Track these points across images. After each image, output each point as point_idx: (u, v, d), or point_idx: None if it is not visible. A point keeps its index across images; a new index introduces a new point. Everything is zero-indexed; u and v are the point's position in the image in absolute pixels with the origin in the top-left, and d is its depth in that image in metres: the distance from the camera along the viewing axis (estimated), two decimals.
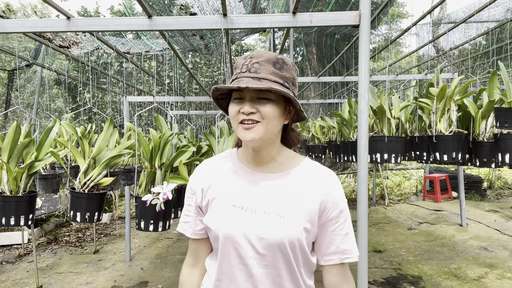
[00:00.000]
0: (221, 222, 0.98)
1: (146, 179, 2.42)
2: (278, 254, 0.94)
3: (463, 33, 5.10)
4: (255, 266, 0.95)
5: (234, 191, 1.01)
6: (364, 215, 1.79)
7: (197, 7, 3.38)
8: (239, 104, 0.93)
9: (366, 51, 1.74)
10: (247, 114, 0.91)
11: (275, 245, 0.93)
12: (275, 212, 0.96)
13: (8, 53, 4.06)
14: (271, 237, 0.93)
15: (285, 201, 0.97)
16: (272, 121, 0.92)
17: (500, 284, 3.52)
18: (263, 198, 0.98)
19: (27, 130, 2.52)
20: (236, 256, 0.96)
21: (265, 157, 1.00)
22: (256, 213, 0.96)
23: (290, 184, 0.99)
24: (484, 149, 2.79)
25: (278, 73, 0.93)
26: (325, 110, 8.66)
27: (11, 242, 5.04)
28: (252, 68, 0.91)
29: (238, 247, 0.96)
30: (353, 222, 2.28)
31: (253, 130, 0.91)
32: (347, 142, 3.80)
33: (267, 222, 0.95)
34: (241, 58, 0.96)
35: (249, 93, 0.92)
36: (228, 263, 0.98)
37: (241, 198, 0.99)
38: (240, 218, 0.97)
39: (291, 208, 0.96)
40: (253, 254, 0.95)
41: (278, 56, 0.94)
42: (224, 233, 0.97)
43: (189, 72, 4.43)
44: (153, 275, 4.02)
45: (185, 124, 7.42)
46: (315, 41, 6.67)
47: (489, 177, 8.62)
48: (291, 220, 0.95)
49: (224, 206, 1.00)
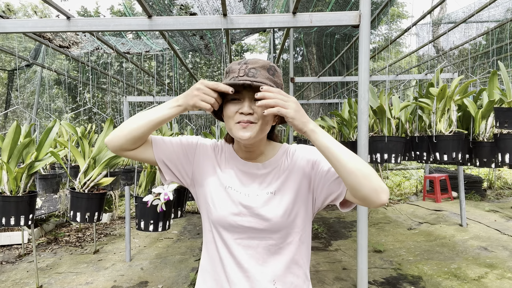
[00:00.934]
0: (221, 203, 1.07)
1: (146, 179, 2.42)
2: (275, 226, 1.04)
3: (463, 33, 5.10)
4: (253, 240, 1.06)
5: (230, 176, 1.11)
6: (364, 215, 1.79)
7: (197, 7, 3.38)
8: (237, 105, 1.00)
9: (366, 51, 1.74)
10: (246, 114, 0.99)
11: (271, 219, 1.04)
12: (266, 191, 1.07)
13: (8, 53, 4.06)
14: (266, 211, 1.04)
15: (273, 181, 1.09)
16: (267, 122, 1.02)
17: (500, 284, 3.52)
18: (254, 183, 1.09)
19: (27, 130, 2.52)
20: (234, 232, 1.06)
21: (256, 153, 1.12)
22: (249, 196, 1.07)
23: (274, 167, 1.11)
24: (484, 149, 2.79)
25: (272, 79, 1.02)
26: (325, 110, 8.66)
27: (11, 242, 5.04)
28: (249, 73, 0.99)
29: (235, 225, 1.05)
30: (353, 222, 2.30)
31: (249, 129, 0.99)
32: (347, 142, 3.80)
33: (261, 200, 1.06)
34: (235, 64, 1.03)
35: (247, 95, 0.99)
36: (226, 239, 1.07)
37: (236, 183, 1.10)
38: (236, 198, 1.07)
39: (279, 186, 1.08)
40: (250, 230, 1.05)
41: (271, 64, 1.04)
42: (224, 214, 1.06)
43: (189, 72, 4.43)
44: (153, 275, 4.02)
45: (185, 124, 7.42)
46: (315, 41, 6.67)
47: (489, 177, 8.62)
48: (281, 195, 1.06)
49: (221, 187, 1.09)
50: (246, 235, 1.06)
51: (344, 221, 6.20)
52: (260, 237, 1.06)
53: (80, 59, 4.10)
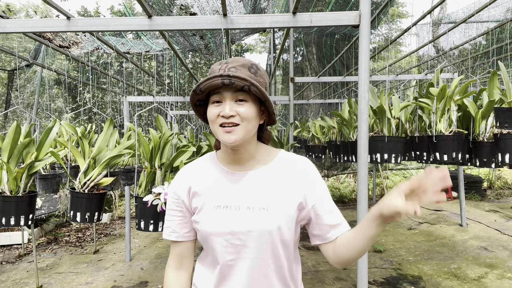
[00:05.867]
0: (208, 223, 1.02)
1: (146, 179, 2.42)
2: (266, 245, 0.99)
3: (463, 33, 5.09)
4: (245, 260, 1.00)
5: (217, 193, 1.04)
6: (364, 215, 1.78)
7: (197, 7, 3.38)
8: (218, 107, 0.97)
9: (366, 51, 1.74)
10: (227, 117, 0.95)
11: (263, 236, 0.98)
12: (258, 206, 1.00)
13: (8, 53, 4.06)
14: (258, 228, 0.98)
15: (266, 194, 1.01)
16: (250, 122, 0.97)
17: (500, 284, 3.52)
18: (245, 195, 1.02)
19: (27, 130, 2.52)
20: (226, 253, 1.00)
21: (244, 156, 1.04)
22: (240, 210, 1.00)
23: (269, 177, 1.04)
24: (484, 149, 2.78)
25: (253, 77, 0.98)
26: (325, 110, 8.66)
27: (11, 242, 5.03)
28: (229, 72, 0.95)
29: (227, 244, 1.00)
30: (353, 222, 2.30)
31: (234, 133, 0.95)
32: (347, 142, 3.79)
33: (252, 216, 0.99)
34: (217, 64, 1.01)
35: (228, 96, 0.96)
36: (219, 260, 1.02)
37: (224, 198, 1.03)
38: (225, 217, 1.00)
39: (272, 199, 1.01)
40: (242, 249, 0.99)
41: (252, 62, 1.01)
42: (213, 233, 1.01)
43: (189, 72, 4.43)
44: (153, 275, 4.02)
45: (185, 124, 7.42)
46: (315, 41, 6.66)
47: (489, 177, 8.62)
48: (274, 211, 0.99)
49: (208, 208, 1.03)
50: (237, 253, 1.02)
51: None
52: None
53: (80, 59, 4.10)
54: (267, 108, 1.02)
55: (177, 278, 1.11)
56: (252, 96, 0.97)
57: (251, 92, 0.94)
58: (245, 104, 0.96)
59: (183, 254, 1.11)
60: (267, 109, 1.03)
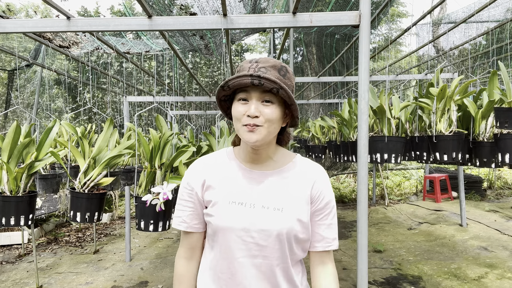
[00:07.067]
0: (221, 218, 1.02)
1: (146, 179, 2.42)
2: (277, 245, 1.00)
3: (463, 33, 5.09)
4: (254, 258, 1.00)
5: (232, 188, 1.05)
6: (364, 215, 1.78)
7: (197, 7, 3.38)
8: (244, 106, 0.96)
9: (366, 51, 1.74)
10: (252, 117, 0.94)
11: (275, 236, 0.99)
12: (273, 206, 1.01)
13: (8, 53, 4.06)
14: (271, 228, 0.99)
15: (282, 195, 1.03)
16: (273, 124, 0.97)
17: (500, 284, 3.52)
18: (261, 194, 1.03)
19: (27, 130, 2.52)
20: (236, 249, 1.01)
21: (263, 156, 1.06)
22: (255, 208, 1.01)
23: (285, 180, 1.05)
24: (484, 149, 2.78)
25: (282, 79, 0.98)
26: (325, 110, 8.66)
27: (11, 242, 5.03)
28: (259, 71, 0.95)
29: (239, 240, 1.00)
30: (353, 222, 2.29)
31: (257, 133, 0.95)
32: (347, 142, 3.79)
33: (267, 215, 1.00)
34: (246, 62, 1.00)
35: (255, 96, 0.95)
36: (228, 256, 1.02)
37: (240, 195, 1.03)
38: (240, 213, 1.01)
39: (287, 201, 1.02)
40: (253, 246, 1.00)
41: (282, 64, 1.01)
42: (225, 228, 1.01)
43: (189, 72, 4.43)
44: (153, 275, 4.02)
45: (185, 124, 7.42)
46: (315, 41, 6.66)
47: (489, 177, 8.62)
48: (288, 213, 1.01)
49: (223, 202, 1.03)
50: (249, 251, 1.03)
51: (344, 221, 6.20)
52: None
53: (80, 59, 4.10)
54: (292, 112, 1.02)
55: (188, 269, 1.12)
56: (278, 98, 0.97)
57: (279, 94, 0.94)
58: (271, 106, 0.96)
59: (194, 245, 1.12)
60: (292, 112, 1.02)
